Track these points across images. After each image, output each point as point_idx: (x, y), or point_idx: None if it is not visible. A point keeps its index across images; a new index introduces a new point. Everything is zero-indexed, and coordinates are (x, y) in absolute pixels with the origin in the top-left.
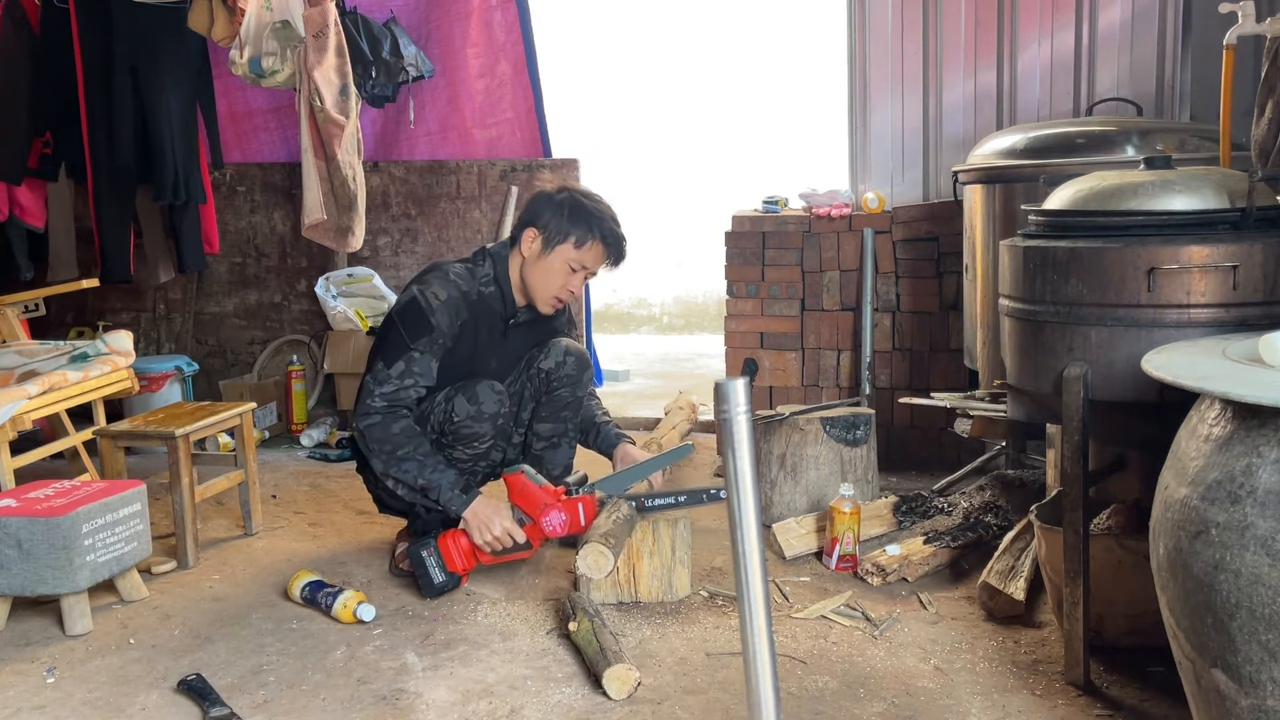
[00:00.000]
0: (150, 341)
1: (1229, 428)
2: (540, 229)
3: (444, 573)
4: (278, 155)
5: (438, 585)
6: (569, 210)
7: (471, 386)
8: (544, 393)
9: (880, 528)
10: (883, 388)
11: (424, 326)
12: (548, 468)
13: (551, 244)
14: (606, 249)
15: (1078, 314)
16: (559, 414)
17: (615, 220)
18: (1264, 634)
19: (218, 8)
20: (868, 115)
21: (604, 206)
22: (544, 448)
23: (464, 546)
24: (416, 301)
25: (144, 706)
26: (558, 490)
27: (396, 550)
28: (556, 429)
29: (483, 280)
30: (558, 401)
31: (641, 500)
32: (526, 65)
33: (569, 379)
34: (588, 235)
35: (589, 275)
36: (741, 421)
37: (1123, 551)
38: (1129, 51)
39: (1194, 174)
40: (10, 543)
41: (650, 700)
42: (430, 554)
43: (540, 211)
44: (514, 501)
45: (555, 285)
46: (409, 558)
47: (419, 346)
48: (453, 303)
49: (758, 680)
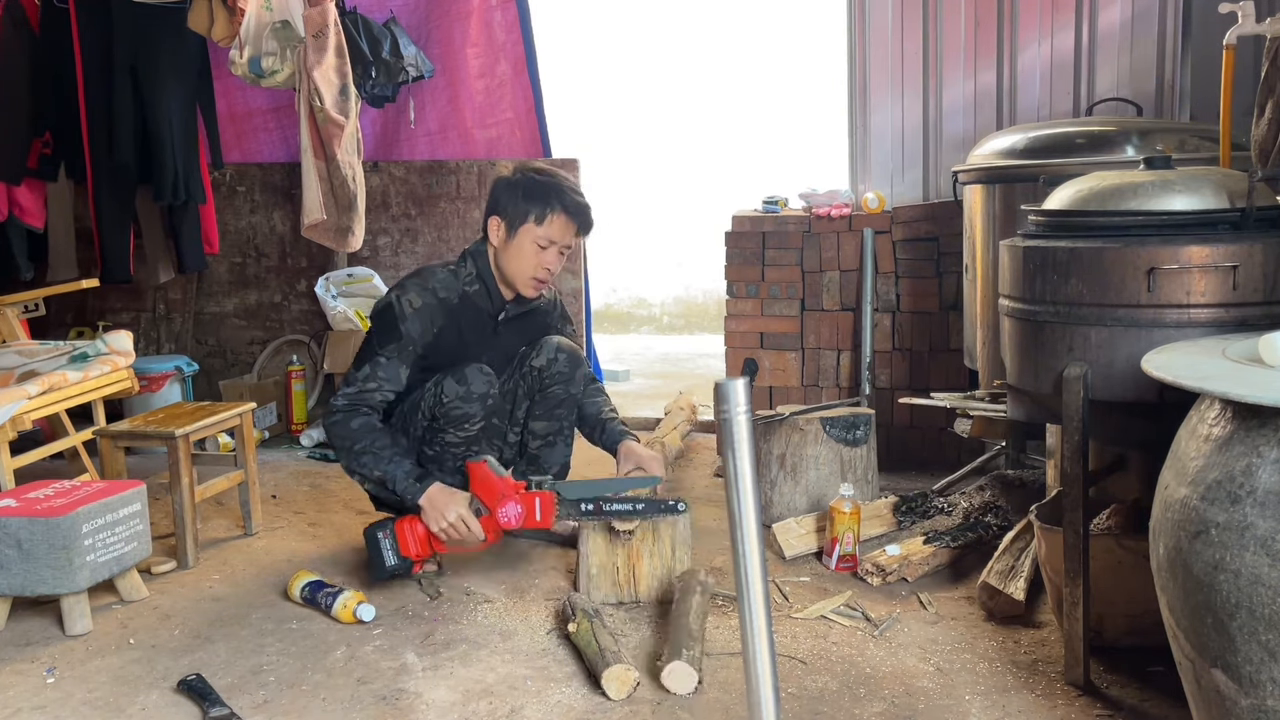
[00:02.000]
0: (150, 341)
1: (1229, 428)
2: (501, 215)
3: (397, 556)
4: (278, 155)
5: (389, 568)
6: (524, 190)
7: (460, 369)
8: (537, 390)
9: (880, 528)
10: (883, 388)
11: (393, 333)
12: (544, 466)
13: (514, 227)
14: (569, 218)
15: (1078, 314)
16: (553, 411)
17: (574, 189)
18: (1264, 634)
19: (218, 8)
20: (868, 115)
21: (559, 179)
22: (540, 446)
23: (420, 533)
24: (391, 308)
25: (144, 706)
26: (518, 484)
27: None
28: (551, 427)
29: (466, 280)
30: (551, 399)
31: (599, 503)
32: (526, 65)
33: (561, 376)
34: (545, 209)
35: (563, 249)
36: (741, 421)
37: (1123, 551)
38: (1129, 51)
39: (1194, 174)
40: (10, 543)
41: (650, 700)
42: (386, 536)
43: (499, 198)
44: (474, 490)
45: (529, 266)
46: (365, 538)
47: (386, 352)
48: (426, 310)
49: (758, 680)
